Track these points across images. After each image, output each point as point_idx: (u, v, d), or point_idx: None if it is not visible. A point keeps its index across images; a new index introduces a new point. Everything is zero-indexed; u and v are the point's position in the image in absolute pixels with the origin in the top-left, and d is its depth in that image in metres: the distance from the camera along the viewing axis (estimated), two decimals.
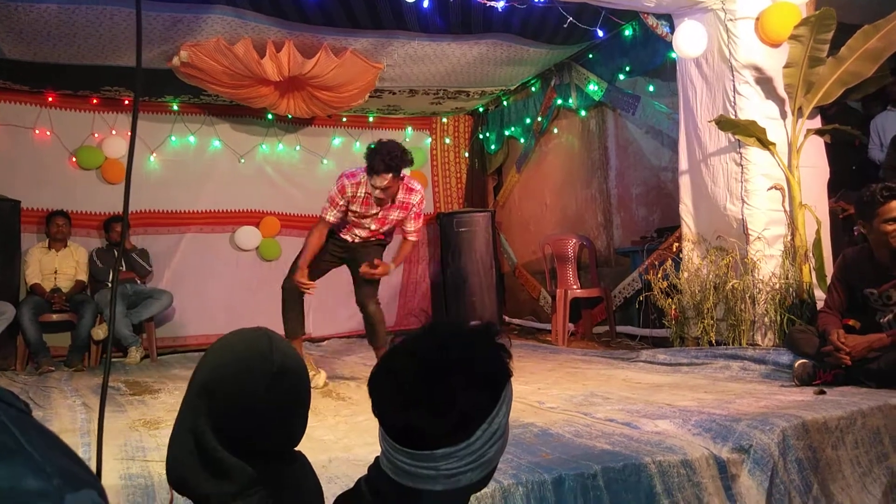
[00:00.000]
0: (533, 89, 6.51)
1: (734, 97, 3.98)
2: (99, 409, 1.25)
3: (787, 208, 3.90)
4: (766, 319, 3.80)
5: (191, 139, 6.46)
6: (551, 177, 6.56)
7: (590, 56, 5.67)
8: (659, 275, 4.25)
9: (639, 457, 2.03)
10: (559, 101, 6.17)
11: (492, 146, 7.31)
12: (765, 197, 3.91)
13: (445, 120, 7.53)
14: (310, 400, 1.08)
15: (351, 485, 1.05)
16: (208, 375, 1.02)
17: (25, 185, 5.74)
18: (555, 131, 6.44)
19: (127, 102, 6.14)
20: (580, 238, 5.76)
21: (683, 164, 4.38)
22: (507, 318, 6.97)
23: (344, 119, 6.97)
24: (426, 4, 4.39)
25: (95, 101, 6.08)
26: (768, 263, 3.87)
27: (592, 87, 5.65)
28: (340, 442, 2.51)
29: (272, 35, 4.74)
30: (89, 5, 4.19)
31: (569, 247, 5.69)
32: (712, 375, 3.53)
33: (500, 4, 4.30)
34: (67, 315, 5.39)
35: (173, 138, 6.40)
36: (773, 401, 2.72)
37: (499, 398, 0.95)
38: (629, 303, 5.27)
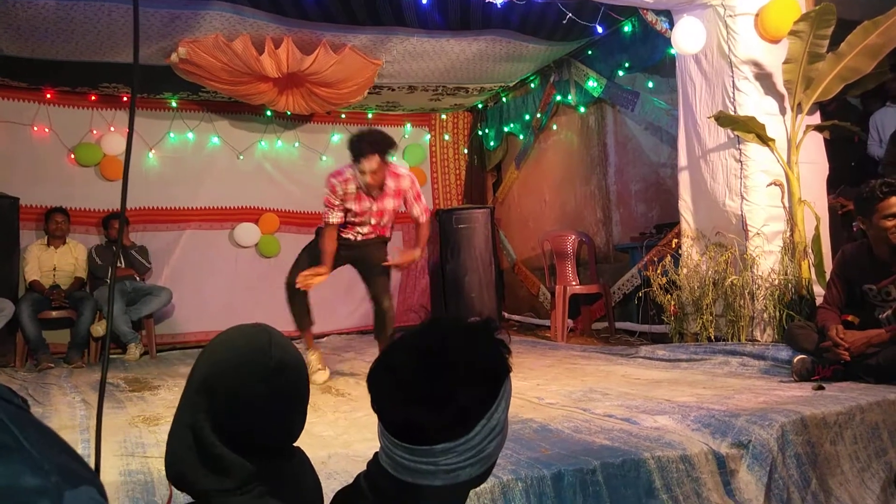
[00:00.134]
0: (532, 86, 6.50)
1: (733, 93, 3.97)
2: (97, 406, 1.25)
3: (787, 204, 3.90)
4: (765, 315, 3.80)
5: (189, 136, 6.46)
6: (550, 173, 6.55)
7: (589, 52, 5.66)
8: (658, 271, 4.25)
9: (638, 452, 2.03)
10: (558, 98, 6.16)
11: (491, 143, 7.30)
12: (764, 193, 3.91)
13: (444, 116, 7.52)
14: (309, 396, 1.08)
15: (350, 480, 1.05)
16: (207, 371, 1.02)
17: (24, 182, 5.73)
18: (554, 128, 6.43)
19: (125, 99, 6.13)
20: (579, 234, 5.76)
21: (682, 161, 4.38)
22: (507, 315, 6.98)
23: (343, 116, 6.96)
24: (425, 1, 4.38)
25: (94, 98, 6.07)
26: (767, 259, 3.87)
27: (591, 84, 5.64)
28: (339, 438, 2.52)
29: (271, 31, 4.73)
30: (87, 1, 4.18)
31: (568, 243, 5.69)
32: (711, 371, 3.54)
33: (500, 0, 4.29)
34: (67, 312, 5.39)
35: (172, 135, 6.39)
36: (772, 396, 2.73)
37: (498, 393, 0.95)
38: (628, 299, 5.27)
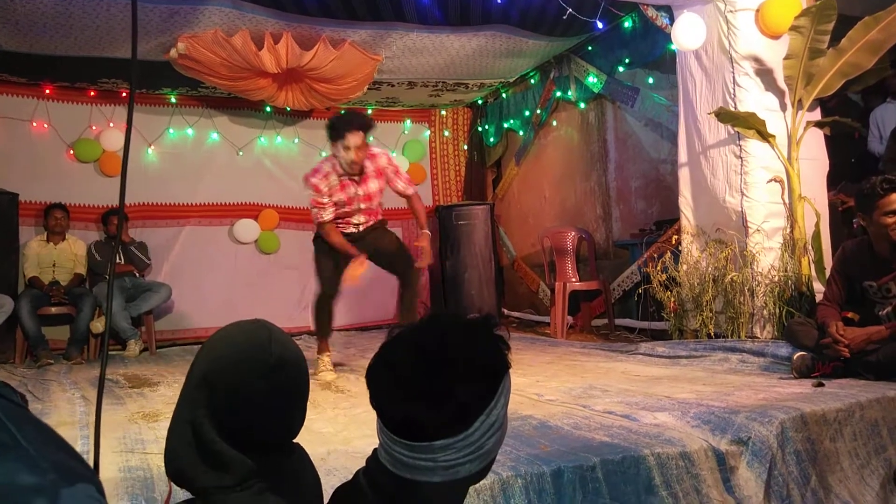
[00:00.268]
0: (532, 81, 6.49)
1: (734, 89, 3.96)
2: (97, 402, 1.25)
3: (787, 201, 3.90)
4: (765, 312, 3.80)
5: (189, 132, 6.45)
6: (550, 169, 6.54)
7: (589, 48, 5.64)
8: (658, 267, 4.25)
9: (637, 449, 2.03)
10: (558, 94, 6.15)
11: (491, 139, 7.29)
12: (764, 189, 3.90)
13: (444, 112, 7.51)
14: (308, 392, 1.08)
15: (349, 477, 1.05)
16: (207, 367, 1.01)
17: (23, 178, 5.72)
18: (554, 124, 6.42)
19: (124, 95, 6.12)
20: (579, 231, 5.75)
21: (683, 157, 4.37)
22: (506, 311, 6.98)
23: (342, 111, 6.94)
24: None
25: (93, 94, 6.06)
26: (767, 256, 3.87)
27: (592, 80, 5.63)
28: (339, 434, 2.52)
29: (270, 27, 4.72)
30: None
31: (568, 239, 5.69)
32: (711, 368, 3.54)
33: None
34: (66, 308, 5.39)
35: (171, 131, 6.38)
36: (772, 393, 2.73)
37: (497, 389, 0.95)
38: (628, 295, 5.27)
